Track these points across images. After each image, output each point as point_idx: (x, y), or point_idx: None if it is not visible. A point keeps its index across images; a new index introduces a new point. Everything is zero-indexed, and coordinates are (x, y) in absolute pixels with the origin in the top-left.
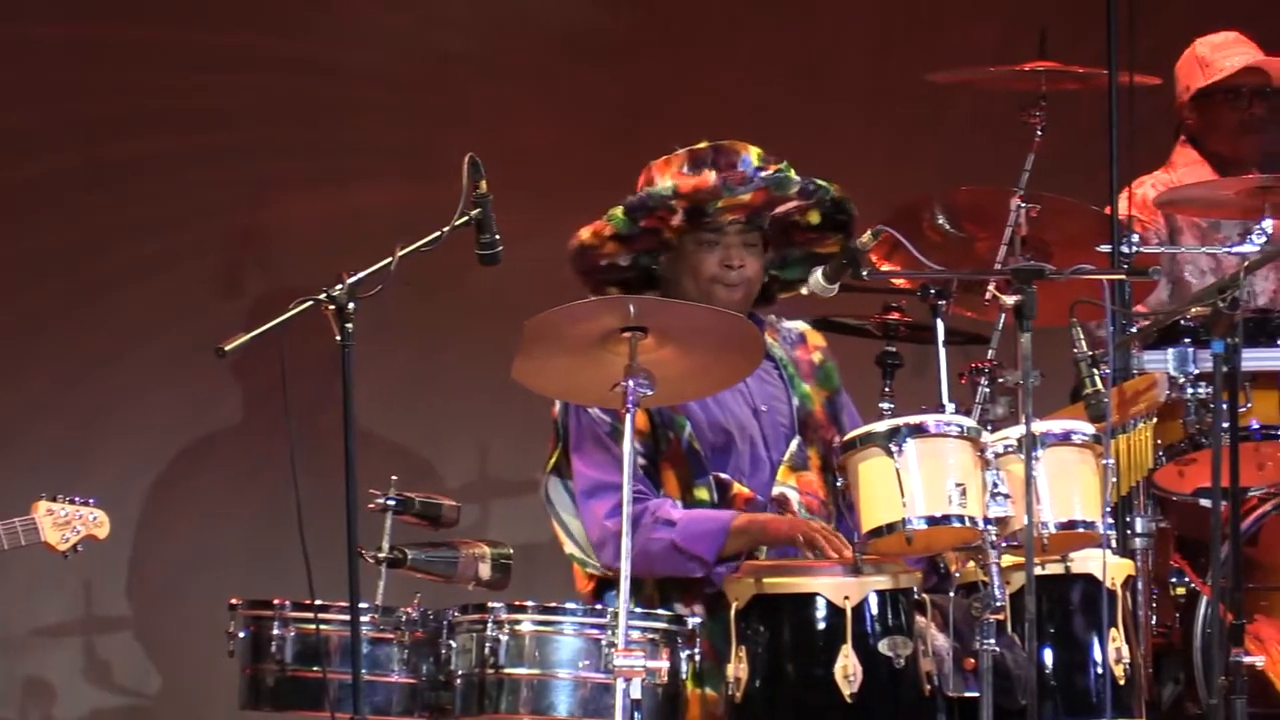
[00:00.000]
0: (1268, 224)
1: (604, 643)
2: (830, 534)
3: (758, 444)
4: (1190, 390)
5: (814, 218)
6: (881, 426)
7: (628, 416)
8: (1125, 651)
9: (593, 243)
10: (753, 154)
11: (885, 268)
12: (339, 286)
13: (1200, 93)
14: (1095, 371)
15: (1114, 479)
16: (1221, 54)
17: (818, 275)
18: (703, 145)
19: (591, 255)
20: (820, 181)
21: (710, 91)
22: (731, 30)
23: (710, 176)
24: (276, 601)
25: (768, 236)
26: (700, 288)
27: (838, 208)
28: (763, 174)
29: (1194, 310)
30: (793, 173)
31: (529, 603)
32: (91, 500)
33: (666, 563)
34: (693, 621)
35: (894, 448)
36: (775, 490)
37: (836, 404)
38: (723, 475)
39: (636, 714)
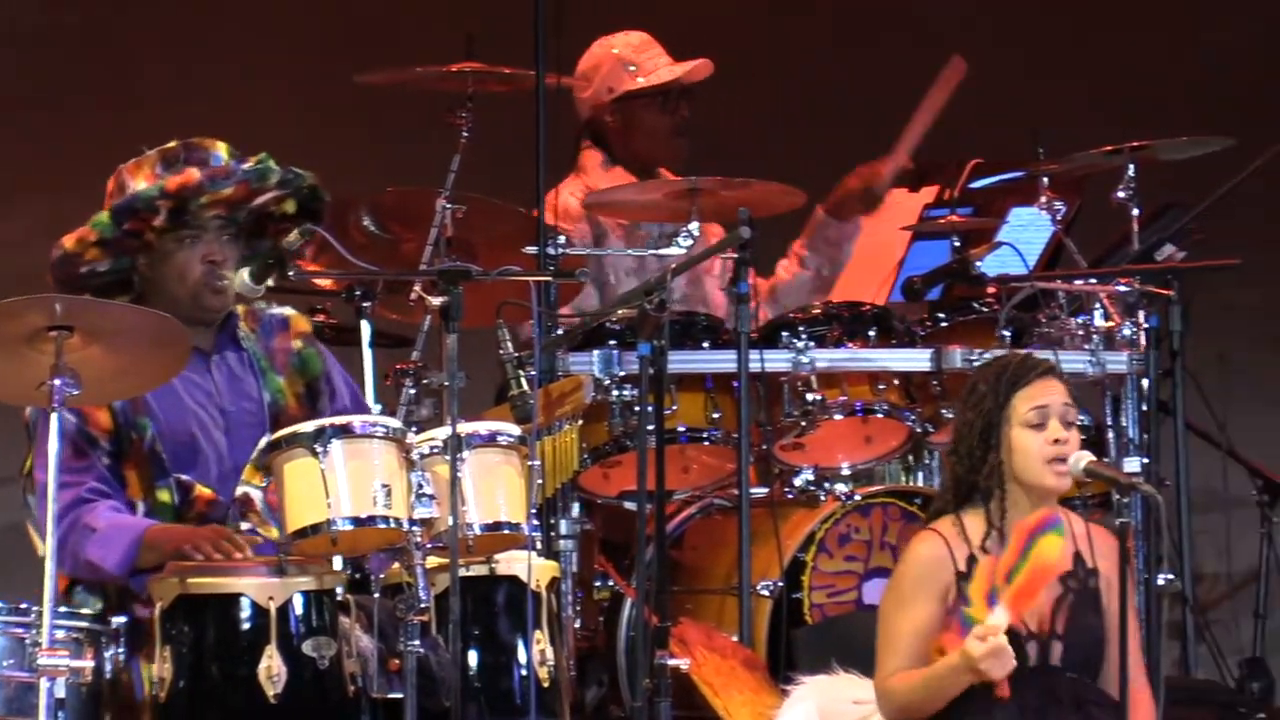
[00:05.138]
0: (694, 226)
1: (28, 641)
2: (221, 538)
3: (222, 445)
4: (616, 392)
5: (289, 207)
6: (308, 427)
7: (54, 416)
8: (550, 653)
9: (76, 250)
10: (222, 149)
11: (311, 268)
12: None
13: (627, 96)
14: (521, 373)
15: (539, 481)
16: (647, 57)
17: (244, 275)
18: (173, 144)
19: (74, 263)
20: (297, 170)
21: (144, 91)
22: (167, 27)
23: (194, 173)
24: None
25: (242, 229)
26: (188, 290)
27: (313, 196)
28: (244, 167)
29: (620, 312)
30: (273, 163)
31: None
32: None
33: (84, 570)
34: (117, 621)
35: (319, 448)
36: (239, 490)
37: (318, 389)
38: (184, 477)
39: (61, 713)
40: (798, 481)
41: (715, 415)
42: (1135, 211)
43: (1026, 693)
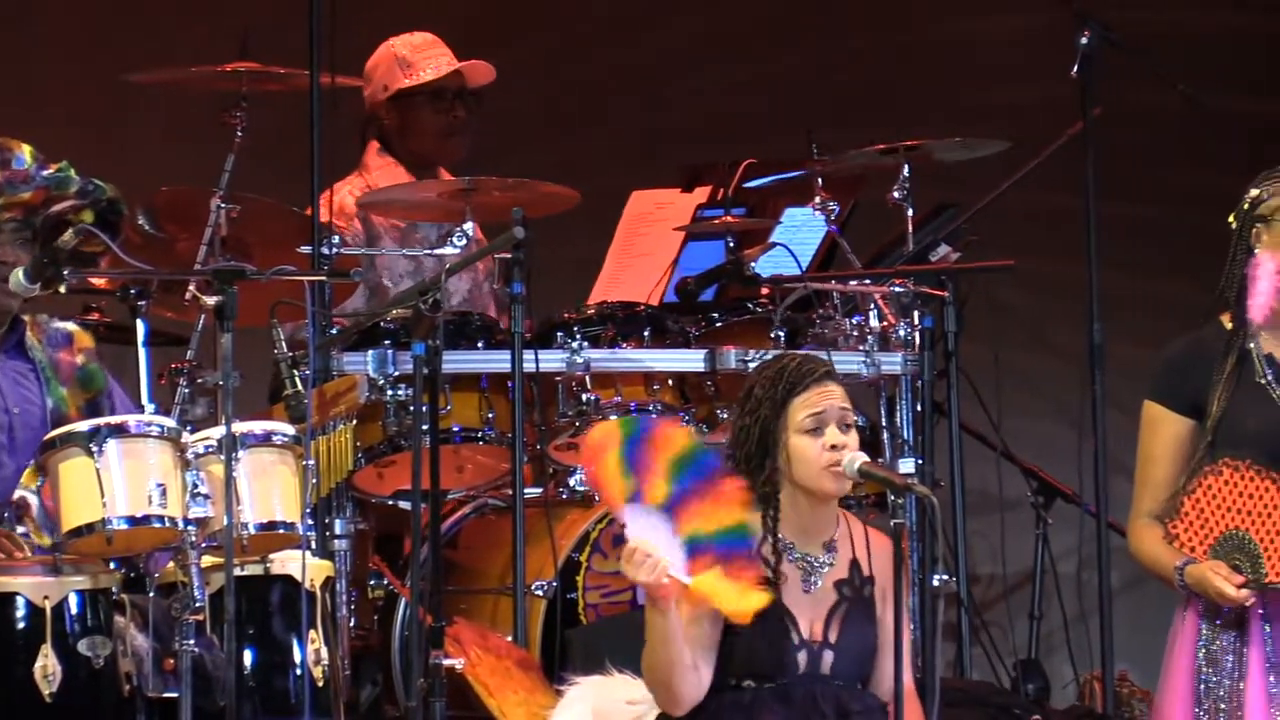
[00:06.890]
0: (469, 226)
1: None
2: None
3: (3, 447)
4: (390, 392)
5: (87, 217)
6: (82, 426)
7: None
8: (324, 653)
9: None
10: (26, 152)
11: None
12: None
13: (401, 94)
14: (295, 372)
15: (314, 480)
16: (423, 56)
17: (18, 274)
18: None
19: None
20: (98, 181)
21: None
22: None
23: None
24: None
25: (36, 234)
26: None
27: (111, 208)
28: (45, 173)
29: (395, 312)
30: (73, 172)
31: None
32: None
33: None
34: None
35: (95, 447)
36: (16, 494)
37: (99, 405)
38: None
39: None
40: (572, 481)
41: (490, 415)
42: (910, 212)
43: (791, 701)
